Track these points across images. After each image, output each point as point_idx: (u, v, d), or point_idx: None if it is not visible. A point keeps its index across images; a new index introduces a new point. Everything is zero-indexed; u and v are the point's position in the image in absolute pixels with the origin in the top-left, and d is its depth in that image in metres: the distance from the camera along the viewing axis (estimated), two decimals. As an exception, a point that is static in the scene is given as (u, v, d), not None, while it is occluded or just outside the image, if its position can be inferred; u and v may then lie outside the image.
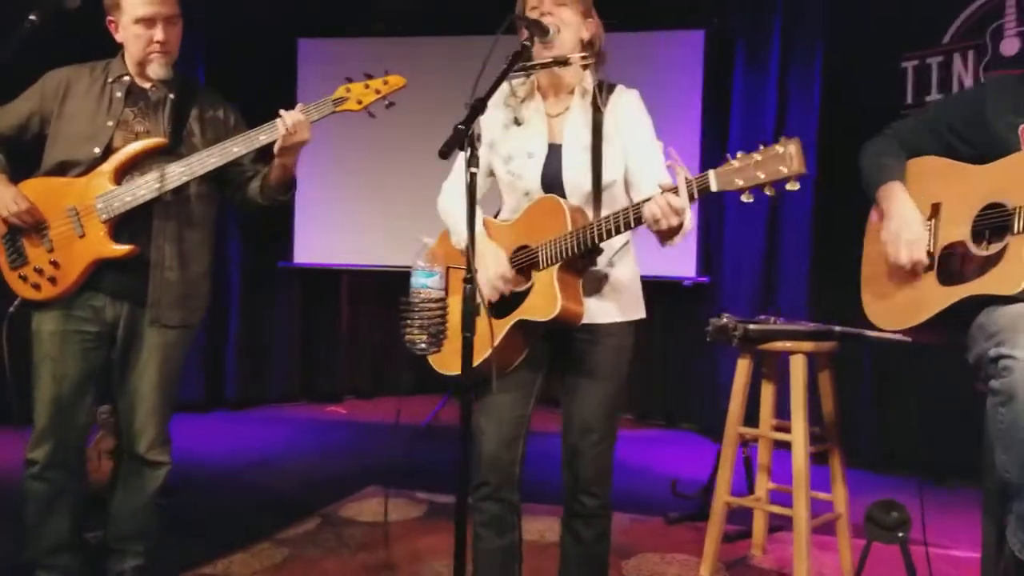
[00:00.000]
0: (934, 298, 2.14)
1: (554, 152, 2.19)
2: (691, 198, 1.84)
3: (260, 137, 2.46)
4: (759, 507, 3.26)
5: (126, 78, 2.53)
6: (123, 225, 2.46)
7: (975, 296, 2.05)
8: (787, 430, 3.00)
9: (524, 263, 2.15)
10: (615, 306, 2.21)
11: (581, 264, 2.10)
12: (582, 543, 2.27)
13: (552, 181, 2.18)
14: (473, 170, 1.74)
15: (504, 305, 2.15)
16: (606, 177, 2.14)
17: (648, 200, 1.89)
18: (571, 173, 2.16)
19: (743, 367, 3.09)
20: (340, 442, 5.30)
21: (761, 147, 1.78)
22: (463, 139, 1.72)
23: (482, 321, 2.06)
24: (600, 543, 2.28)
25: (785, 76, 5.22)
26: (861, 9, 4.86)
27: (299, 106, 2.45)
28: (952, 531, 3.52)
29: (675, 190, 1.85)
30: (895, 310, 2.23)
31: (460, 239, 2.22)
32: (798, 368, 2.92)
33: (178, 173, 2.45)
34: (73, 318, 2.49)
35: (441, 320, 1.83)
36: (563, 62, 2.10)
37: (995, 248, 2.05)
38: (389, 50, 6.15)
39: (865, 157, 2.35)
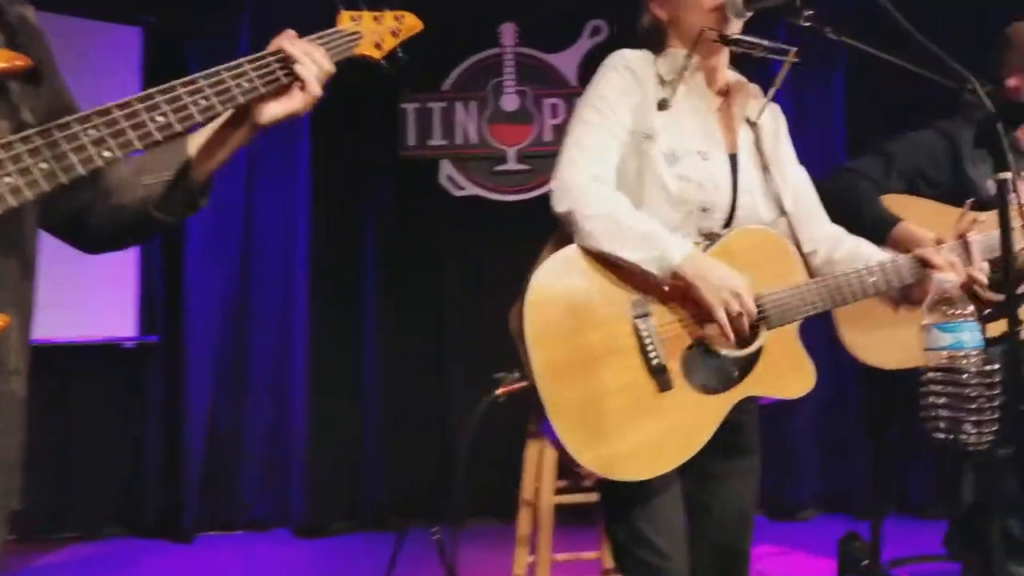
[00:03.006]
0: None
1: (731, 163, 1.65)
2: None
3: (243, 84, 1.13)
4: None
5: None
6: None
7: None
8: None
9: None
10: None
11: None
12: None
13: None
14: (993, 180, 1.11)
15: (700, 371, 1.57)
16: (786, 205, 1.70)
17: (929, 252, 1.62)
18: (750, 197, 1.65)
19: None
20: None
21: None
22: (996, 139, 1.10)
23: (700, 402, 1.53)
24: None
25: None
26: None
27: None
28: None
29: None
30: (901, 347, 2.16)
31: (663, 265, 1.51)
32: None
33: (94, 155, 1.00)
34: None
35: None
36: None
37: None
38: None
39: (851, 192, 2.22)
